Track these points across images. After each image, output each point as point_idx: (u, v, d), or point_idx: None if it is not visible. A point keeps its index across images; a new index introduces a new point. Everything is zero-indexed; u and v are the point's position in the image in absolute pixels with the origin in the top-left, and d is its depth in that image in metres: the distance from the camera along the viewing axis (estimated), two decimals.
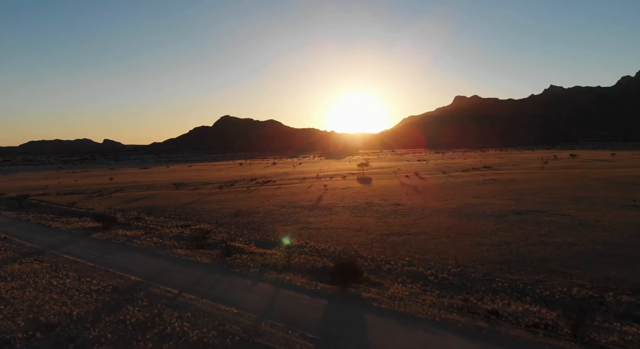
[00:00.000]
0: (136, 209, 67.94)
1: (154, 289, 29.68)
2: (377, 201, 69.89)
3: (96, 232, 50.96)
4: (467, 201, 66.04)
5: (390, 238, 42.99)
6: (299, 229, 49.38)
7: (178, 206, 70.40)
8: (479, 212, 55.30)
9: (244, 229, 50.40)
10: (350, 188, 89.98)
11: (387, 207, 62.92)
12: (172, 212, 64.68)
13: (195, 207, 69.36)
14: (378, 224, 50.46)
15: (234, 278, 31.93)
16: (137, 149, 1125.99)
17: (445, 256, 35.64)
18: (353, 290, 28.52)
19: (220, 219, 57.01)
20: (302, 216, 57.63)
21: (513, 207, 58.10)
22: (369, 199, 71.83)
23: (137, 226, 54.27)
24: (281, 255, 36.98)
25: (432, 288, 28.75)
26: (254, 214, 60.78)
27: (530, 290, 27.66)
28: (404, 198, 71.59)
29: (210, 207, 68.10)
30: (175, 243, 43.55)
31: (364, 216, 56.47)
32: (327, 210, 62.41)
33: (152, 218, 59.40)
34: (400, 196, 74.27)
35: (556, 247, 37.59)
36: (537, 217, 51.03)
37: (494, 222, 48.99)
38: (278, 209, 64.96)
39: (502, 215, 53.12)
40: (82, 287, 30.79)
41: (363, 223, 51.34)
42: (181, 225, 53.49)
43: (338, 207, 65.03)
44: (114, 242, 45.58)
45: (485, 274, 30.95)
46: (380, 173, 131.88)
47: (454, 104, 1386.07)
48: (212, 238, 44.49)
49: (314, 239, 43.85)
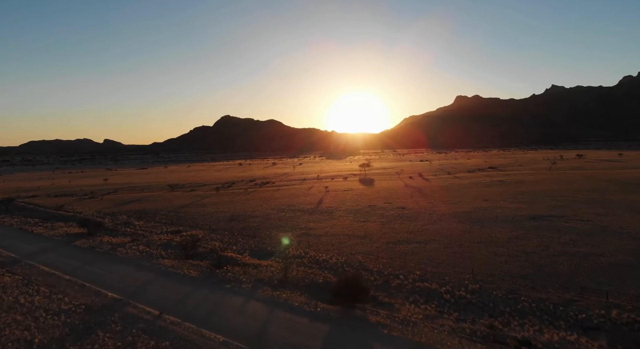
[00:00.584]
0: (127, 213, 64.43)
1: (131, 309, 26.10)
2: (381, 204, 66.30)
3: (80, 239, 47.39)
4: (476, 204, 62.43)
5: (397, 247, 39.39)
6: (298, 235, 45.81)
7: (171, 210, 66.87)
8: (491, 217, 51.67)
9: (239, 235, 46.84)
10: (352, 190, 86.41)
11: (392, 211, 59.34)
12: (164, 216, 61.15)
13: (189, 210, 65.82)
14: (383, 230, 46.87)
15: (224, 295, 28.32)
16: (137, 149, 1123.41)
17: (461, 269, 32.04)
18: (359, 312, 24.89)
19: (214, 225, 53.46)
20: (302, 221, 54.07)
21: (527, 212, 54.48)
22: (372, 202, 68.25)
23: (124, 232, 50.74)
24: (278, 267, 33.39)
25: (450, 309, 25.13)
26: (251, 218, 57.23)
27: (562, 312, 24.02)
28: (409, 201, 68.00)
29: (204, 211, 64.55)
30: (162, 252, 39.96)
31: (368, 221, 52.88)
32: (328, 214, 58.86)
33: (142, 223, 55.87)
34: (405, 199, 70.68)
35: (582, 258, 33.99)
36: (555, 223, 47.40)
37: (508, 228, 45.39)
38: (276, 213, 61.39)
39: (516, 220, 49.50)
40: (51, 306, 27.24)
41: (367, 229, 47.76)
42: (172, 231, 49.94)
43: (340, 210, 61.48)
44: (97, 250, 42.02)
45: (508, 291, 27.35)
46: (382, 174, 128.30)
47: (455, 103, 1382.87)
48: (203, 246, 40.92)
49: (314, 247, 40.30)
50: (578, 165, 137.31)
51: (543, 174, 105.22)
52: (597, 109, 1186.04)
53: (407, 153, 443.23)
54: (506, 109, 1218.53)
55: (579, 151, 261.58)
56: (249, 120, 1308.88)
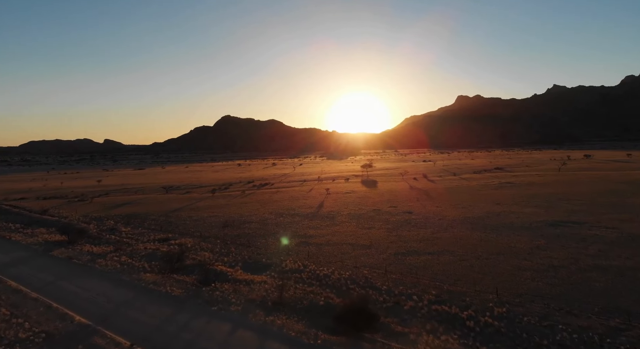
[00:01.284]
0: (115, 218, 60.54)
1: (99, 339, 22.14)
2: (386, 208, 62.35)
3: (59, 248, 43.49)
4: (487, 208, 58.44)
5: (407, 259, 35.43)
6: (297, 244, 41.91)
7: (162, 214, 62.98)
8: (506, 224, 47.67)
9: (232, 244, 42.91)
10: (354, 192, 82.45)
11: (398, 216, 55.36)
12: (153, 221, 57.23)
13: (182, 215, 61.91)
14: (390, 238, 42.91)
15: (208, 320, 24.35)
16: (137, 149, 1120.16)
17: (482, 287, 28.08)
18: (367, 345, 20.96)
19: (206, 231, 49.53)
20: (301, 227, 50.12)
21: (544, 217, 50.47)
22: (376, 206, 64.32)
23: (108, 239, 46.83)
24: (273, 284, 29.45)
25: (475, 340, 21.06)
26: (246, 224, 53.30)
27: (612, 347, 20.12)
28: (416, 205, 64.01)
29: (197, 216, 60.63)
30: (146, 265, 36.04)
31: (372, 227, 48.92)
32: (329, 219, 54.92)
33: (129, 229, 51.95)
34: (411, 202, 66.72)
35: (617, 273, 30.00)
36: (577, 230, 43.38)
37: (528, 237, 41.41)
38: (274, 217, 57.45)
39: (534, 227, 45.52)
40: (7, 334, 23.27)
41: (372, 237, 43.81)
42: (159, 239, 46.03)
43: (342, 215, 57.54)
44: (74, 262, 38.13)
45: (541, 317, 23.33)
46: (385, 175, 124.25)
47: (457, 103, 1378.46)
48: (191, 257, 37.03)
49: (314, 259, 36.38)
50: (587, 166, 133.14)
51: (553, 175, 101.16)
52: (599, 109, 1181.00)
53: (409, 153, 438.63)
54: (507, 109, 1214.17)
55: (586, 151, 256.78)
56: (249, 120, 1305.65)
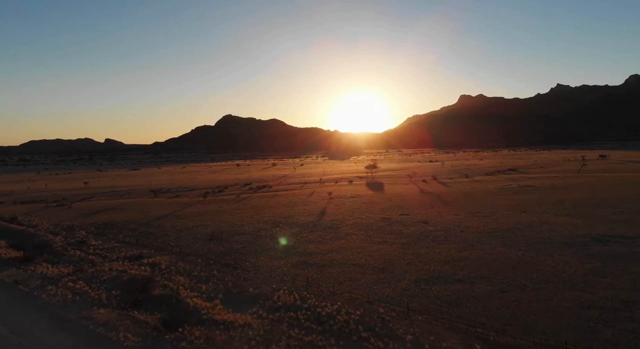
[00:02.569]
0: (89, 227, 53.34)
1: None
2: (397, 216, 55.04)
3: (10, 268, 36.27)
4: (514, 217, 51.05)
5: (432, 289, 28.07)
6: (294, 265, 34.70)
7: (143, 222, 55.82)
8: (543, 238, 40.22)
9: (215, 264, 35.71)
10: (359, 196, 75.14)
11: (413, 226, 48.03)
12: (131, 232, 50.07)
13: (165, 224, 54.72)
14: (407, 258, 35.62)
15: None
16: (138, 148, 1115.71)
17: (543, 337, 20.60)
18: None
19: (188, 246, 42.35)
20: (300, 241, 42.86)
21: (584, 230, 43.05)
22: (385, 213, 57.01)
23: (71, 257, 39.65)
24: (259, 330, 22.25)
25: None
26: (236, 236, 46.04)
27: None
28: (431, 212, 56.64)
29: (182, 225, 53.40)
30: (103, 295, 28.86)
31: (384, 241, 41.65)
32: (332, 230, 47.66)
33: (99, 243, 44.79)
34: (425, 209, 59.36)
35: None
36: (634, 248, 35.91)
37: (574, 257, 34.04)
38: (269, 228, 50.20)
39: (578, 243, 38.13)
40: None
41: (385, 256, 36.53)
42: (131, 256, 38.85)
43: (347, 225, 50.25)
44: (20, 289, 30.93)
45: None
46: (391, 177, 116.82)
47: (459, 103, 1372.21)
48: (162, 284, 29.79)
49: (314, 287, 29.15)
50: (606, 167, 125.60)
51: (574, 177, 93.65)
52: (604, 109, 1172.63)
53: (413, 153, 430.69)
54: (511, 109, 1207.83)
55: (597, 152, 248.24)
56: (251, 119, 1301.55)
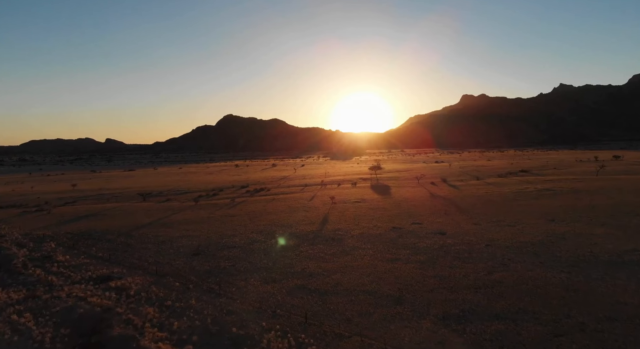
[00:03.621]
0: (61, 238, 47.26)
1: None
2: (408, 225, 48.89)
3: None
4: (543, 227, 44.84)
5: (466, 331, 21.55)
6: (291, 291, 28.61)
7: (124, 232, 49.77)
8: (585, 255, 33.73)
9: (196, 289, 29.63)
10: (364, 201, 69.00)
11: (428, 238, 41.86)
12: (107, 244, 44.04)
13: (147, 233, 48.65)
14: (428, 281, 29.41)
15: None
16: (138, 148, 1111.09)
17: None
18: None
19: (168, 262, 36.30)
20: (298, 258, 36.70)
21: (630, 243, 36.60)
22: (395, 222, 50.87)
23: (28, 277, 33.56)
24: None
25: None
26: (225, 250, 39.95)
27: None
28: (447, 221, 50.44)
29: (166, 235, 47.27)
30: (48, 336, 22.69)
31: (398, 258, 35.50)
32: (336, 243, 41.57)
33: (67, 258, 38.73)
34: (439, 217, 53.15)
35: None
36: None
37: (633, 281, 27.71)
38: (263, 240, 44.08)
39: (628, 261, 31.75)
40: None
41: (400, 278, 30.33)
42: (99, 277, 32.82)
43: (352, 236, 44.15)
44: None
45: None
46: (397, 178, 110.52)
47: (461, 102, 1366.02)
48: (124, 320, 23.80)
49: (315, 325, 22.95)
50: (624, 168, 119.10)
51: (594, 179, 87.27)
52: (607, 108, 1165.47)
53: (417, 153, 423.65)
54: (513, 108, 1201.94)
55: (611, 152, 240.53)
56: (252, 119, 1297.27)
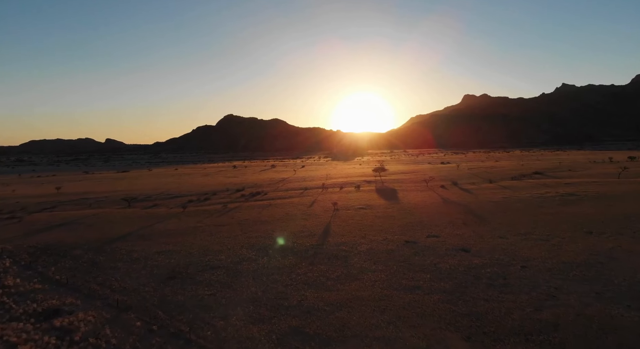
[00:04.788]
0: (21, 254, 40.50)
1: None
2: (424, 238, 42.30)
3: None
4: (582, 242, 38.17)
5: None
6: (282, 338, 21.82)
7: (95, 246, 43.21)
8: None
9: (160, 333, 22.93)
10: (370, 207, 62.41)
11: (450, 256, 35.14)
12: (71, 262, 37.47)
13: (121, 248, 42.12)
14: (460, 322, 22.60)
15: None
16: (138, 148, 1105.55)
17: None
18: None
19: (135, 289, 29.70)
20: (294, 283, 29.86)
21: None
22: (407, 233, 44.25)
23: None
24: None
25: None
26: (207, 272, 33.30)
27: None
28: (467, 233, 43.77)
29: (142, 251, 40.59)
30: None
31: (417, 285, 28.75)
32: (340, 262, 34.97)
33: (17, 282, 31.95)
34: (458, 228, 46.46)
35: None
36: None
37: None
38: (254, 257, 37.42)
39: None
40: None
41: (425, 318, 23.43)
42: (43, 312, 26.29)
43: (359, 253, 37.53)
44: None
45: None
46: (403, 181, 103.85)
47: (463, 102, 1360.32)
48: None
49: None
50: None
51: (617, 183, 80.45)
52: (610, 108, 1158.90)
53: (420, 154, 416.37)
54: (515, 108, 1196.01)
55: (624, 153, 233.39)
56: (252, 119, 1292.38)
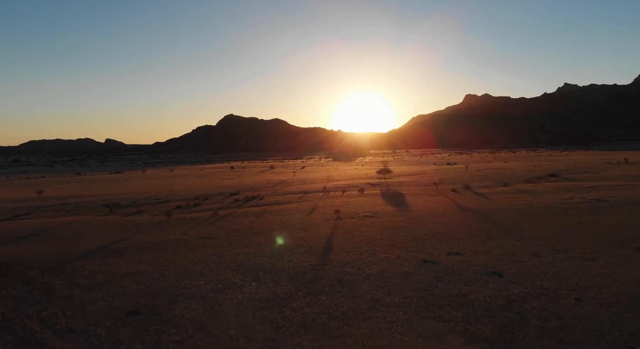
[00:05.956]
0: None
1: None
2: (444, 255, 35.50)
3: None
4: (638, 264, 31.69)
5: None
6: None
7: (55, 265, 36.69)
8: None
9: None
10: (377, 215, 55.75)
11: (481, 284, 27.95)
12: (20, 287, 30.86)
13: (84, 268, 35.59)
14: None
15: None
16: (138, 148, 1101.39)
17: None
18: None
19: (84, 331, 22.59)
20: (288, 324, 22.53)
21: None
22: (424, 249, 37.36)
23: None
24: None
25: None
26: (178, 305, 26.41)
27: None
28: (493, 248, 36.89)
29: (109, 271, 34.00)
30: None
31: (448, 329, 21.66)
32: (346, 291, 28.05)
33: None
34: (481, 242, 39.57)
35: None
36: None
37: None
38: (240, 282, 30.54)
39: None
40: None
41: None
42: None
43: (369, 278, 30.39)
44: None
45: None
46: (410, 184, 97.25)
47: (465, 102, 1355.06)
48: None
49: None
50: None
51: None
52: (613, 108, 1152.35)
53: (423, 154, 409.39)
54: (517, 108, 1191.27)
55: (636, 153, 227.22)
56: (252, 119, 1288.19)
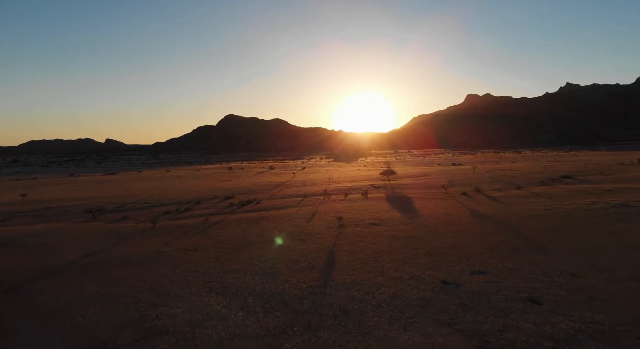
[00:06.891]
0: None
1: None
2: (466, 274, 30.31)
3: None
4: None
5: None
6: None
7: (14, 285, 31.51)
8: None
9: None
10: (384, 223, 50.62)
11: (516, 313, 22.06)
12: None
13: (46, 288, 30.58)
14: None
15: None
16: (137, 148, 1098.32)
17: None
18: None
19: None
20: None
21: None
22: (442, 267, 32.07)
23: None
24: None
25: None
26: (147, 343, 20.91)
27: None
28: (522, 266, 31.55)
29: (72, 295, 28.87)
30: None
31: None
32: (352, 324, 21.50)
33: None
34: (506, 257, 34.32)
35: None
36: None
37: None
38: (223, 312, 24.29)
39: None
40: None
41: None
42: None
43: (380, 304, 23.55)
44: None
45: None
46: (416, 186, 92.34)
47: (466, 102, 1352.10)
48: None
49: None
50: None
51: None
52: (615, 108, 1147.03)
53: (426, 154, 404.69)
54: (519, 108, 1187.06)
55: None
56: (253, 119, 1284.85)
